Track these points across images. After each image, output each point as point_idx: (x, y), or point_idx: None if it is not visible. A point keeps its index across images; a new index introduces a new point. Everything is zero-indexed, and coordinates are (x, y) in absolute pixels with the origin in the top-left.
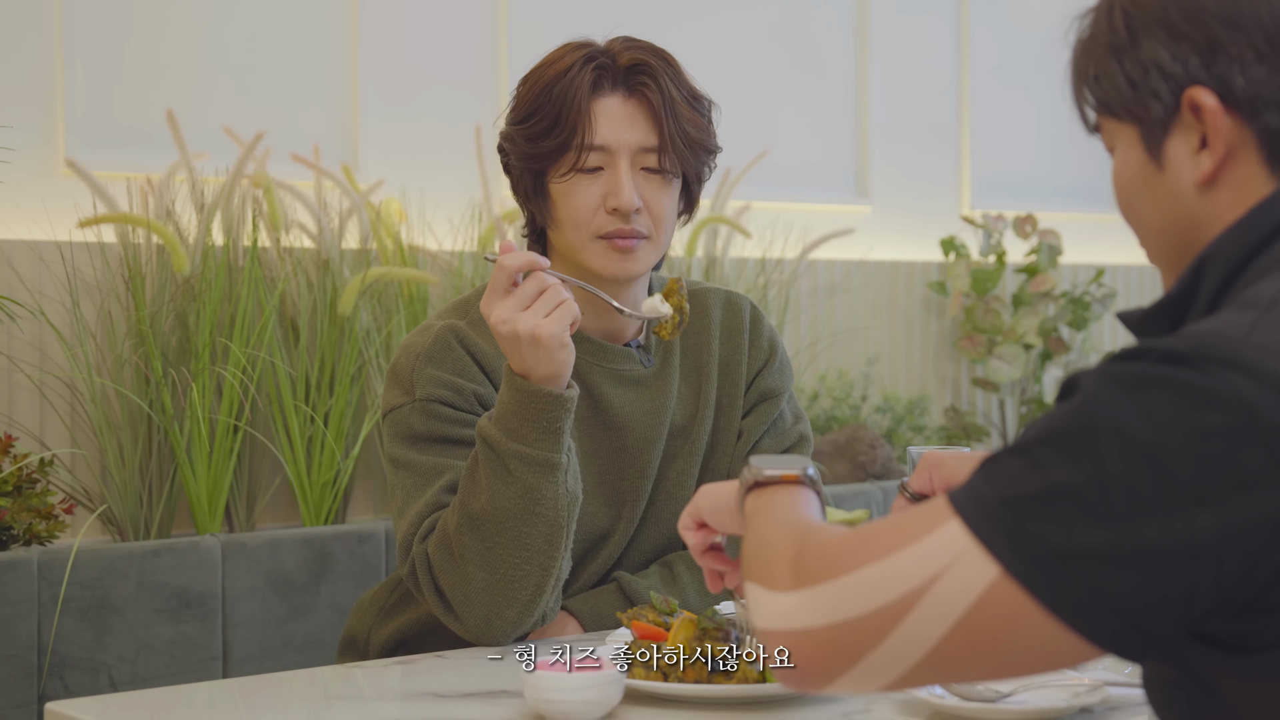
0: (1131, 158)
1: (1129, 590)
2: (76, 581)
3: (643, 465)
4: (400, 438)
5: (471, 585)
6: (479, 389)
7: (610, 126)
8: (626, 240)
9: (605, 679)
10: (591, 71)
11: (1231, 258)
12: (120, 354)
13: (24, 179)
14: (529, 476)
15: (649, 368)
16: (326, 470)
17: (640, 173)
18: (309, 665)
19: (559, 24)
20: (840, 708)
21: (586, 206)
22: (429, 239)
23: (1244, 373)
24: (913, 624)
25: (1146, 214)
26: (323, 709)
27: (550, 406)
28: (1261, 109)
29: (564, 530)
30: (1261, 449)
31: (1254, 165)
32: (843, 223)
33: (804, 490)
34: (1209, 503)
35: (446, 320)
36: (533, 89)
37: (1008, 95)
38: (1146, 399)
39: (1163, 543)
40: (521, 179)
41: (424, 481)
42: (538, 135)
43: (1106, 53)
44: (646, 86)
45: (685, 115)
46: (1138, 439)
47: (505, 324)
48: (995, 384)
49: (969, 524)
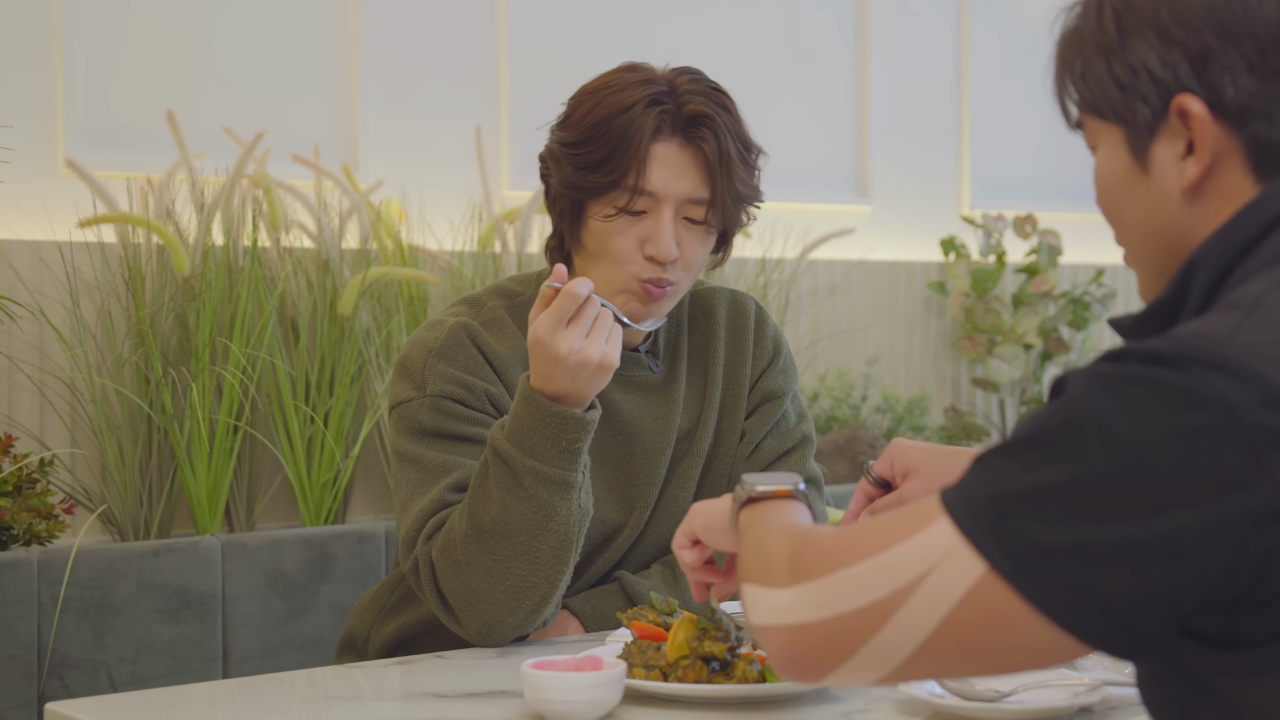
0: (1115, 159)
1: (1114, 588)
2: (76, 581)
3: (651, 470)
4: (408, 431)
5: (475, 593)
6: (490, 388)
7: (663, 174)
8: (660, 289)
9: (605, 679)
10: (655, 116)
11: (1219, 261)
12: (120, 354)
13: (24, 179)
14: (544, 494)
15: (657, 373)
16: (326, 470)
17: (681, 221)
18: (309, 665)
19: (560, 23)
20: (840, 708)
21: (626, 248)
22: (429, 239)
23: (1226, 373)
24: (903, 619)
25: (1129, 215)
26: (323, 709)
27: (572, 428)
28: (1250, 119)
29: (574, 544)
30: (1243, 448)
31: (1239, 173)
32: (843, 223)
33: (796, 504)
34: (1192, 502)
35: (458, 317)
36: (589, 114)
37: (1008, 95)
38: (1130, 399)
39: (1145, 541)
40: (559, 199)
41: (430, 478)
42: (588, 166)
43: (1095, 51)
44: (704, 140)
45: (738, 173)
46: (1121, 439)
47: (577, 353)
48: (995, 384)
49: (957, 522)
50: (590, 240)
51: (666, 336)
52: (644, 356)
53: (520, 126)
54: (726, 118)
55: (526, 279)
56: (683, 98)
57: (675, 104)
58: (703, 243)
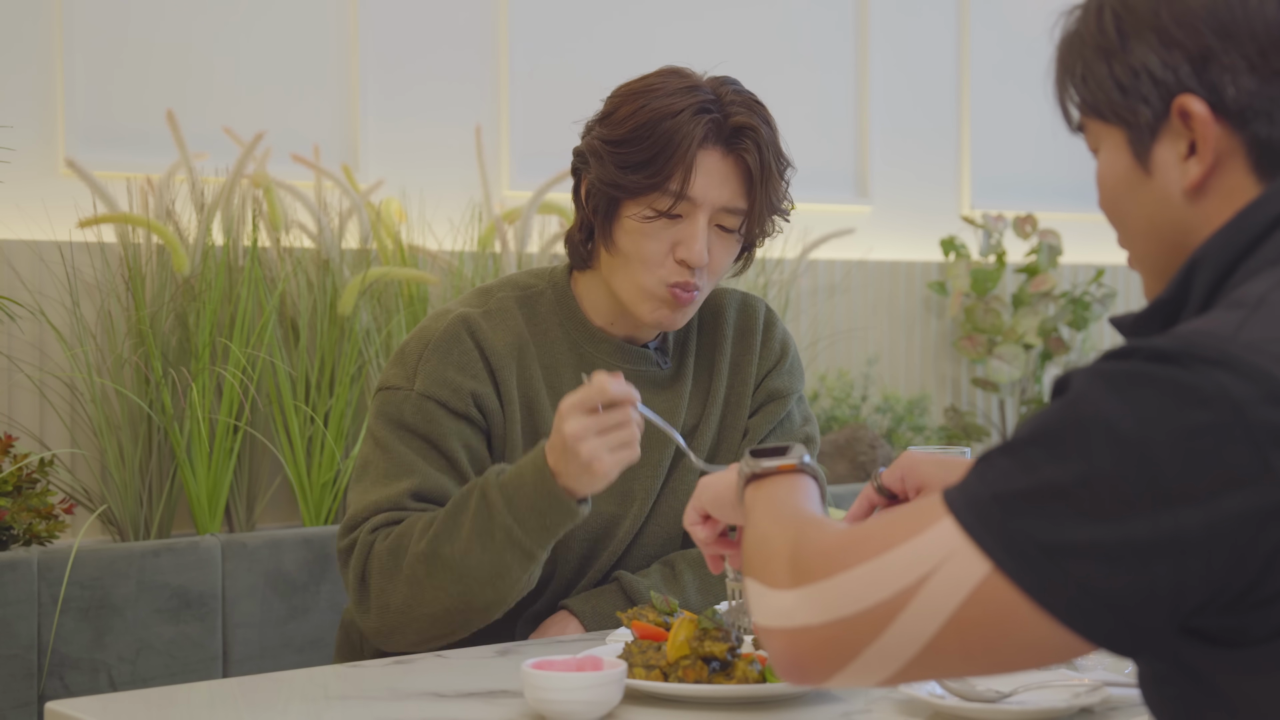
0: (1118, 160)
1: (1119, 586)
2: (76, 581)
3: (654, 465)
4: (387, 417)
5: (398, 602)
6: (477, 388)
7: (704, 181)
8: (688, 293)
9: (605, 679)
10: (704, 125)
11: (1221, 260)
12: (120, 354)
13: (24, 179)
14: (508, 554)
15: (665, 370)
16: (326, 470)
17: (713, 228)
18: (309, 665)
19: (560, 24)
20: (840, 708)
21: (658, 250)
22: (429, 239)
23: (1230, 370)
24: (907, 621)
25: (1132, 217)
26: (323, 709)
27: (561, 512)
28: (1251, 119)
29: (504, 607)
30: (1248, 445)
31: (1241, 173)
32: (843, 223)
33: (802, 479)
34: (1196, 499)
35: (462, 308)
36: (635, 115)
37: (1008, 95)
38: (1135, 397)
39: (1151, 539)
40: (594, 194)
41: (394, 473)
42: (630, 166)
43: (1095, 54)
44: (746, 151)
45: (774, 185)
46: (1126, 437)
47: (578, 440)
48: (995, 384)
49: (961, 522)
50: (622, 238)
51: (676, 335)
52: (653, 353)
53: (520, 127)
54: (767, 131)
55: (541, 273)
56: (729, 108)
57: (722, 113)
58: (730, 251)
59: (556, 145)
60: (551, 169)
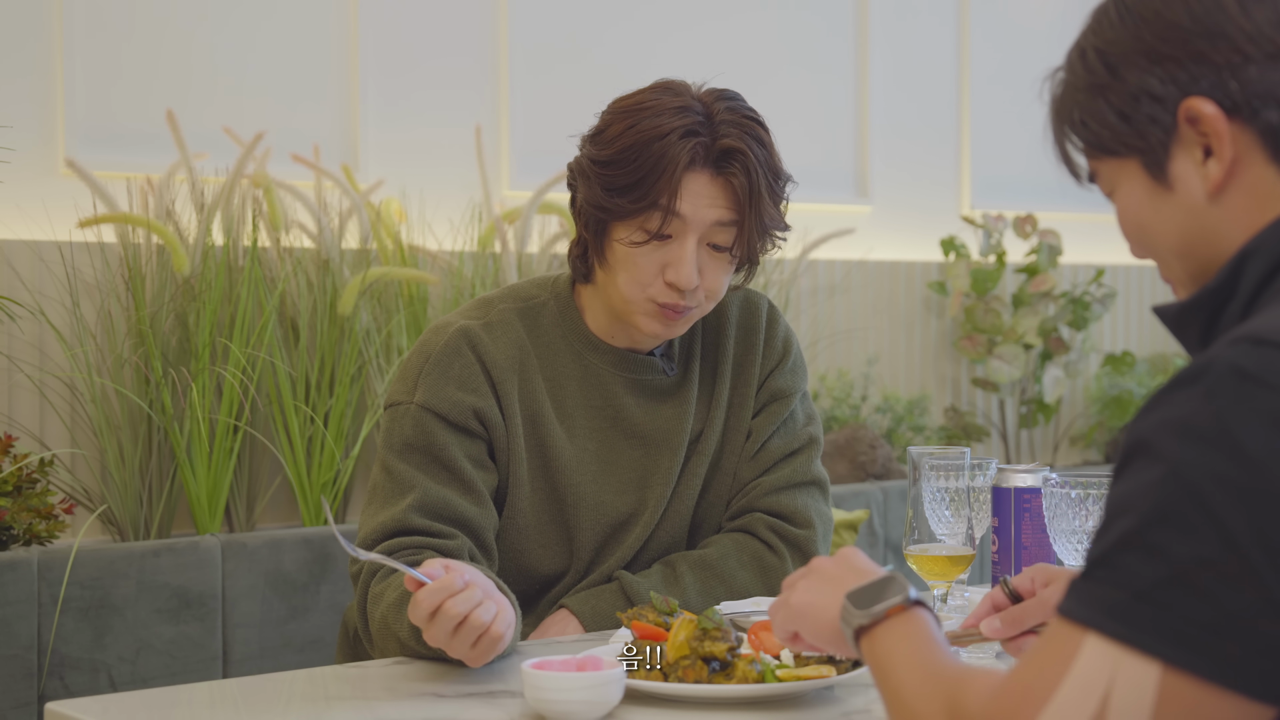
0: (1136, 189)
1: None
2: (76, 581)
3: (665, 472)
4: (390, 438)
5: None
6: (479, 403)
7: (691, 202)
8: (677, 314)
9: (605, 679)
10: (689, 149)
11: (1274, 252)
12: (120, 354)
13: (24, 179)
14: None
15: (671, 376)
16: (326, 470)
17: (705, 248)
18: (309, 665)
19: (560, 24)
20: (840, 708)
21: (648, 270)
22: (429, 239)
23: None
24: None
25: (1162, 237)
26: (323, 709)
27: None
28: (1260, 108)
29: None
30: None
31: (1261, 166)
32: (843, 223)
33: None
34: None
35: (463, 320)
36: (622, 136)
37: (1008, 95)
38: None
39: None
40: (584, 212)
41: (397, 492)
42: (617, 190)
43: (1089, 94)
44: (734, 173)
45: (765, 206)
46: (1245, 486)
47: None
48: (995, 384)
49: (1109, 634)
50: (613, 258)
51: (681, 340)
52: (658, 360)
53: (520, 127)
54: (759, 151)
55: (544, 284)
56: (718, 129)
57: (710, 136)
58: (724, 269)
59: (556, 145)
60: (551, 169)
